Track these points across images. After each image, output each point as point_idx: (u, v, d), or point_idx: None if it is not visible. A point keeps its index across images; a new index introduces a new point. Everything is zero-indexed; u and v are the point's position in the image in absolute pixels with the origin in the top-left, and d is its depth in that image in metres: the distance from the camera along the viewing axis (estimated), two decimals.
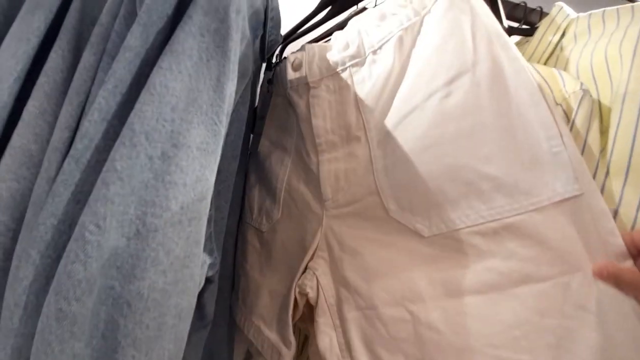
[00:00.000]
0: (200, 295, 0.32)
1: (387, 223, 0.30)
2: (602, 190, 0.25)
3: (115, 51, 0.21)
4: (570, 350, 0.23)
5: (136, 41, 0.20)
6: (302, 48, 0.37)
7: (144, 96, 0.19)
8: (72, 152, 0.20)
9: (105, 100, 0.20)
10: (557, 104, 0.27)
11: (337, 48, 0.35)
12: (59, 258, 0.18)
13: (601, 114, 0.27)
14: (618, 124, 0.25)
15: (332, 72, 0.34)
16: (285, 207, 0.40)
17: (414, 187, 0.29)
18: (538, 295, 0.24)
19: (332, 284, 0.33)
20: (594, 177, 0.25)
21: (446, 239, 0.27)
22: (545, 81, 0.27)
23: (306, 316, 0.38)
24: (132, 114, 0.19)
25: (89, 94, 0.22)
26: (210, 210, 0.30)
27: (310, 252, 0.35)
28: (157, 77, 0.19)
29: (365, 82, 0.33)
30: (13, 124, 0.22)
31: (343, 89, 0.34)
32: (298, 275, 0.35)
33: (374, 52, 0.32)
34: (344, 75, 0.34)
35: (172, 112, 0.20)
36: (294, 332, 0.36)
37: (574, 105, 0.25)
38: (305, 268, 0.35)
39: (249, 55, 0.33)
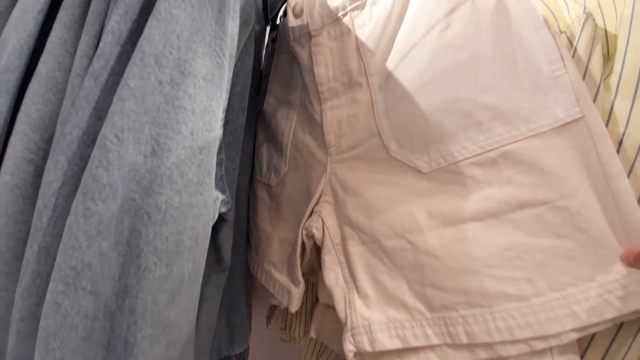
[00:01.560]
0: (216, 234, 0.33)
1: (388, 163, 0.31)
2: (609, 113, 0.25)
3: None
4: (564, 268, 0.23)
5: None
6: None
7: (151, 21, 0.20)
8: (90, 70, 0.21)
9: (117, 24, 0.21)
10: (561, 32, 0.26)
11: None
12: (84, 167, 0.20)
13: (607, 42, 0.27)
14: (626, 46, 0.24)
15: (333, 19, 0.35)
16: (292, 159, 0.41)
17: (414, 124, 0.29)
18: (533, 219, 0.24)
19: (337, 224, 0.35)
20: (596, 100, 0.25)
21: (445, 172, 0.28)
22: (549, 9, 0.27)
23: (316, 266, 0.40)
24: (141, 38, 0.20)
25: (103, 24, 0.23)
26: (220, 154, 0.32)
27: (316, 198, 0.36)
28: (162, 4, 0.20)
29: (366, 26, 0.33)
30: (38, 53, 0.24)
31: (344, 34, 0.34)
32: (304, 220, 0.37)
33: None
34: (345, 20, 0.34)
35: (177, 40, 0.21)
36: (303, 276, 0.38)
37: (577, 30, 0.25)
38: (311, 213, 0.37)
39: (251, 2, 0.34)
